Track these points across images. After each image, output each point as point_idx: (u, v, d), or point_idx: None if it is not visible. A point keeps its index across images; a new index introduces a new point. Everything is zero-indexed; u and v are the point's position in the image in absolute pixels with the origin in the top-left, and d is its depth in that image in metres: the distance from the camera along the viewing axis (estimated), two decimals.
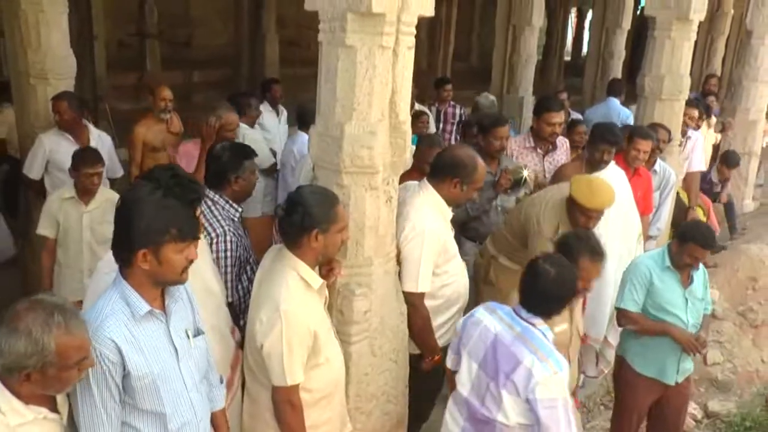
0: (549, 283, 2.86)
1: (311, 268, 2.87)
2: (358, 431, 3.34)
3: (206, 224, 3.28)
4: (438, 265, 3.57)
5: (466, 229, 4.86)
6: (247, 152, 3.51)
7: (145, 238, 2.23)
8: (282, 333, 2.70)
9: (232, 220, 3.44)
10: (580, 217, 3.90)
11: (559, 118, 5.26)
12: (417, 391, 3.69)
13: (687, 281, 3.90)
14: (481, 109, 7.19)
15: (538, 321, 2.88)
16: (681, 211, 6.55)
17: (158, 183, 2.45)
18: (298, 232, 2.84)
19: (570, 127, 6.14)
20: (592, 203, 3.85)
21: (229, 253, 3.34)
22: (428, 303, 3.58)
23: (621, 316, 4.00)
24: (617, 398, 4.30)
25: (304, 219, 2.79)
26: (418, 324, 3.57)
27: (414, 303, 3.55)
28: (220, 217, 3.37)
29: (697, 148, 7.07)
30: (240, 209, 3.49)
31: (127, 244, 2.26)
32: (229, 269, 3.35)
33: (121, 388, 2.26)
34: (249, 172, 3.47)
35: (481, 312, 3.04)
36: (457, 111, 7.84)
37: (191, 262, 2.34)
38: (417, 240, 3.48)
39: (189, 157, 4.83)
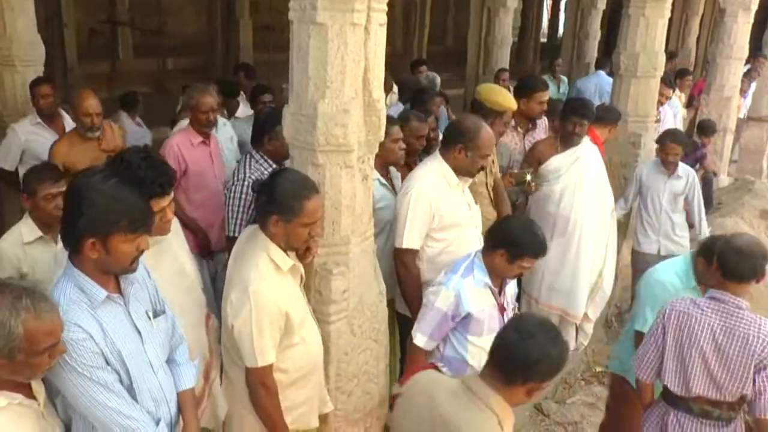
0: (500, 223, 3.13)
1: (282, 250, 2.85)
2: (340, 411, 3.33)
3: (238, 170, 3.99)
4: (434, 229, 3.65)
5: None
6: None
7: (94, 226, 2.18)
8: (251, 314, 2.70)
9: (262, 173, 3.83)
10: (502, 126, 4.29)
11: (546, 96, 5.28)
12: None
13: None
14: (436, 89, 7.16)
15: (479, 258, 3.15)
16: None
17: (128, 164, 2.42)
18: (261, 214, 2.85)
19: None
20: (512, 104, 4.26)
21: (242, 196, 3.84)
22: (425, 267, 3.66)
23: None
24: (614, 416, 4.01)
25: (267, 203, 2.80)
26: (405, 282, 3.64)
27: (401, 259, 3.67)
28: (249, 169, 3.91)
29: (667, 122, 7.14)
30: (275, 166, 3.88)
31: (75, 232, 2.21)
32: (237, 209, 3.86)
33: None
34: (282, 135, 3.55)
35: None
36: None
37: (142, 252, 2.30)
38: (406, 198, 3.65)
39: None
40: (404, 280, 3.70)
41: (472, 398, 2.15)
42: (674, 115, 7.79)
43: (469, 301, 3.10)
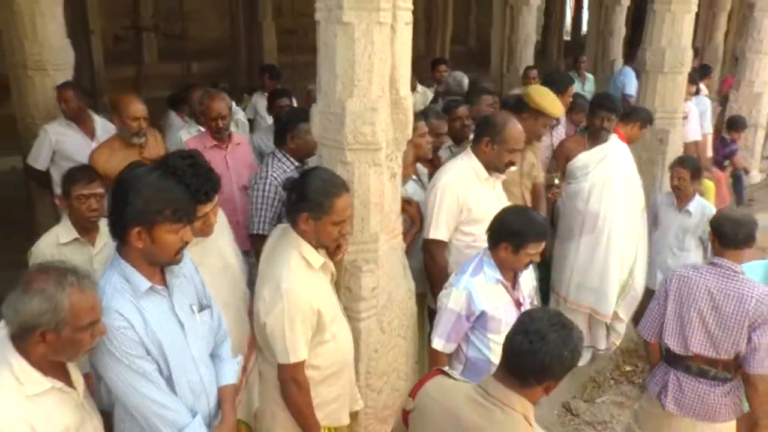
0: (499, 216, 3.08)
1: (313, 248, 2.87)
2: (369, 408, 3.35)
3: (261, 169, 4.03)
4: (462, 222, 3.67)
5: None
6: (305, 115, 3.57)
7: (140, 215, 2.24)
8: (284, 311, 2.72)
9: (285, 171, 3.90)
10: (543, 129, 4.17)
11: (573, 90, 5.28)
12: None
13: None
14: (450, 89, 7.12)
15: (488, 255, 3.13)
16: None
17: (174, 170, 2.47)
18: (291, 211, 2.87)
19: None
20: (560, 112, 4.21)
21: (265, 194, 3.86)
22: (453, 259, 3.67)
23: None
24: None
25: (298, 201, 2.82)
26: (432, 273, 3.67)
27: (429, 250, 3.72)
28: (272, 167, 3.96)
29: (692, 118, 7.06)
30: (297, 164, 3.97)
31: (121, 221, 2.28)
32: (260, 207, 3.87)
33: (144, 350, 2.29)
34: (305, 132, 3.75)
35: None
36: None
37: (186, 243, 2.35)
38: (434, 190, 3.72)
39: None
40: (431, 271, 3.74)
41: (495, 402, 2.12)
42: (702, 112, 7.70)
43: (482, 299, 3.07)
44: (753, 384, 3.18)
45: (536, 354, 2.08)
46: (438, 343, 3.16)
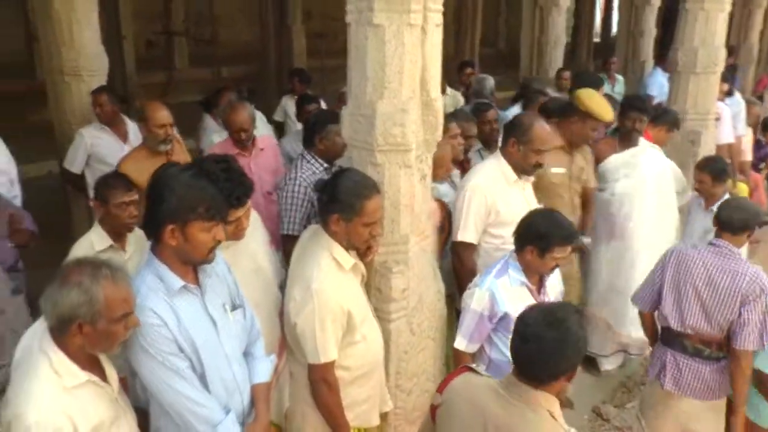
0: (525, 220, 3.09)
1: (344, 249, 2.89)
2: (399, 409, 3.35)
3: (290, 170, 4.07)
4: (490, 224, 3.67)
5: None
6: (333, 117, 3.64)
7: (174, 213, 2.29)
8: (314, 311, 2.74)
9: (314, 173, 3.94)
10: (592, 133, 4.08)
11: (602, 91, 5.27)
12: None
13: None
14: (476, 92, 7.07)
15: (514, 257, 3.14)
16: None
17: (207, 174, 2.51)
18: (322, 213, 2.89)
19: None
20: (610, 116, 4.09)
21: (295, 195, 3.89)
22: (482, 262, 3.67)
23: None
24: None
25: (329, 202, 2.83)
26: (460, 275, 3.67)
27: (457, 252, 3.74)
28: (301, 169, 4.00)
29: (725, 120, 6.94)
30: (326, 166, 4.01)
31: (156, 219, 2.32)
32: (290, 208, 3.90)
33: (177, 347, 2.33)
34: (333, 134, 3.78)
35: None
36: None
37: (218, 242, 2.39)
38: (462, 192, 3.74)
39: None
40: (459, 273, 3.74)
41: (519, 399, 2.11)
42: (735, 113, 7.56)
43: (505, 301, 3.06)
44: (737, 358, 3.30)
45: (538, 356, 2.06)
46: (460, 343, 3.17)
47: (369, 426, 3.16)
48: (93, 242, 3.37)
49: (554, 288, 3.32)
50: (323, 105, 6.93)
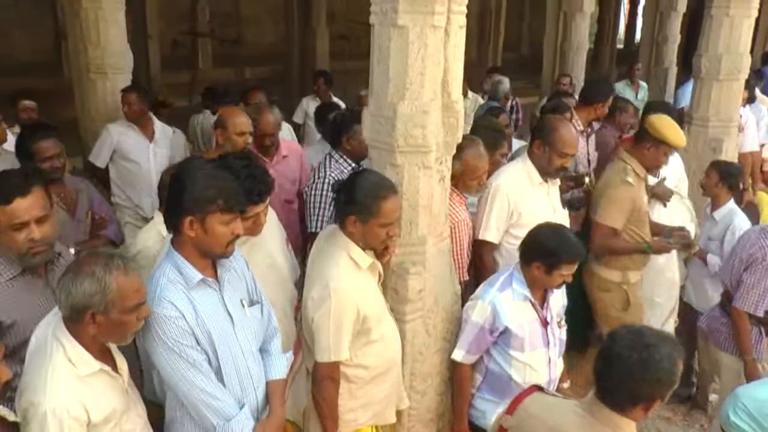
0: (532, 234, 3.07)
1: (361, 249, 2.90)
2: (413, 410, 3.36)
3: (318, 169, 4.08)
4: (512, 225, 3.68)
5: None
6: (359, 117, 3.59)
7: (193, 204, 2.32)
8: (330, 309, 2.75)
9: (342, 171, 3.99)
10: (664, 158, 3.98)
11: None
12: None
13: None
14: (497, 95, 7.03)
15: (518, 271, 3.10)
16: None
17: (229, 170, 2.54)
18: (340, 213, 2.90)
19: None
20: (683, 141, 3.99)
21: (322, 194, 3.94)
22: (503, 263, 3.69)
23: None
24: None
25: (346, 203, 2.84)
26: (481, 274, 3.68)
27: (478, 251, 3.77)
28: (329, 168, 4.04)
29: (749, 127, 6.85)
30: (354, 165, 4.04)
31: (176, 210, 2.37)
32: (317, 206, 3.95)
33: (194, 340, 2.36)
34: (359, 133, 3.72)
35: None
36: (509, 102, 7.80)
37: (237, 236, 2.42)
38: (486, 193, 3.77)
39: None
40: (480, 272, 3.75)
41: (603, 422, 2.08)
42: (759, 121, 7.48)
43: (507, 315, 3.04)
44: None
45: (617, 377, 2.04)
46: (458, 354, 3.15)
47: (385, 423, 3.17)
48: (160, 231, 3.28)
49: (557, 302, 3.29)
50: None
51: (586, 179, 4.52)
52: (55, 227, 2.57)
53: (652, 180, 4.37)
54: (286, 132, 5.44)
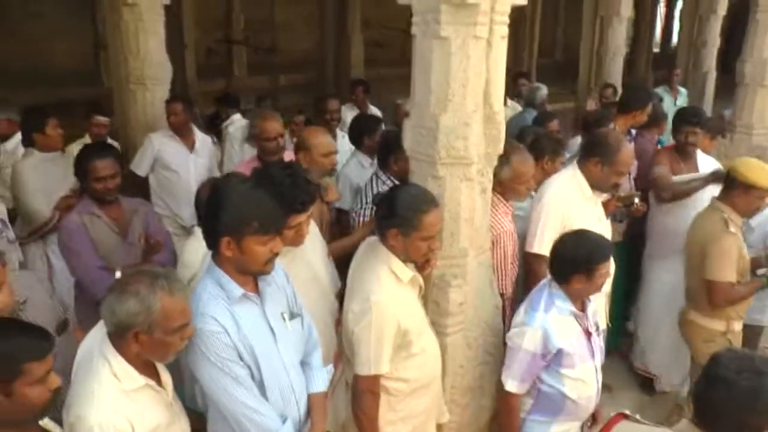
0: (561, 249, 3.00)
1: (402, 262, 2.88)
2: (453, 423, 3.33)
3: (364, 193, 3.99)
4: None
5: None
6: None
7: (229, 226, 2.32)
8: (371, 323, 2.73)
9: None
10: (759, 201, 3.82)
11: None
12: None
13: None
14: (534, 102, 6.96)
15: (555, 286, 3.02)
16: None
17: (272, 178, 2.53)
18: (381, 227, 2.87)
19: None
20: (763, 181, 3.76)
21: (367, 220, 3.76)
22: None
23: None
24: None
25: (387, 216, 2.82)
26: (530, 286, 3.55)
27: (530, 264, 3.72)
28: (375, 190, 3.92)
29: None
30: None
31: (213, 231, 2.37)
32: None
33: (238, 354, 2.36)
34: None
35: None
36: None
37: (276, 254, 2.41)
38: (539, 204, 3.72)
39: None
40: (531, 284, 3.64)
41: None
42: None
43: (558, 337, 2.96)
44: None
45: (723, 405, 1.95)
46: (512, 385, 3.04)
47: None
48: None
49: (592, 309, 3.21)
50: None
51: (636, 200, 4.42)
52: (11, 294, 2.45)
53: None
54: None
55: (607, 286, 3.33)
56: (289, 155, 4.30)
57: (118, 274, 3.22)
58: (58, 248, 3.75)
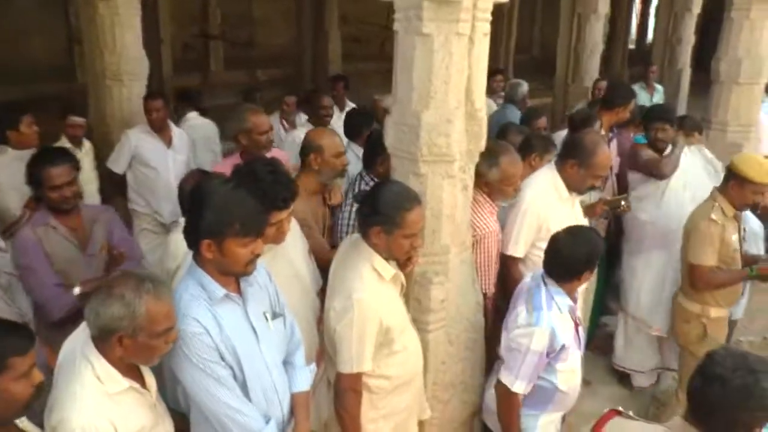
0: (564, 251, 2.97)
1: (385, 260, 2.87)
2: (435, 419, 3.34)
3: (347, 194, 3.89)
4: (540, 239, 3.61)
5: None
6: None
7: (209, 229, 2.30)
8: (353, 321, 2.73)
9: None
10: (753, 196, 3.89)
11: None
12: None
13: None
14: (515, 98, 6.99)
15: (552, 283, 3.02)
16: None
17: (254, 175, 2.50)
18: (363, 225, 2.87)
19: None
20: (762, 176, 3.81)
21: (350, 222, 3.67)
22: (530, 272, 3.53)
23: None
24: None
25: (370, 214, 2.81)
26: (508, 286, 3.63)
27: (507, 265, 3.73)
28: (359, 190, 3.76)
29: (765, 131, 6.77)
30: None
31: (193, 233, 2.35)
32: (348, 226, 3.70)
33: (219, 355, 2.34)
34: None
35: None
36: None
37: (257, 256, 2.39)
38: (516, 206, 3.71)
39: None
40: (507, 284, 3.70)
41: None
42: None
43: (562, 333, 2.98)
44: None
45: (717, 402, 1.97)
46: (519, 386, 3.00)
47: None
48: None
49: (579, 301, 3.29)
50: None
51: (623, 202, 4.46)
52: None
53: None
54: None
55: (587, 283, 3.35)
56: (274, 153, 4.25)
57: (76, 290, 3.10)
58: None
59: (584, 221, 3.86)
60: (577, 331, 3.13)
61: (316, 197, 3.73)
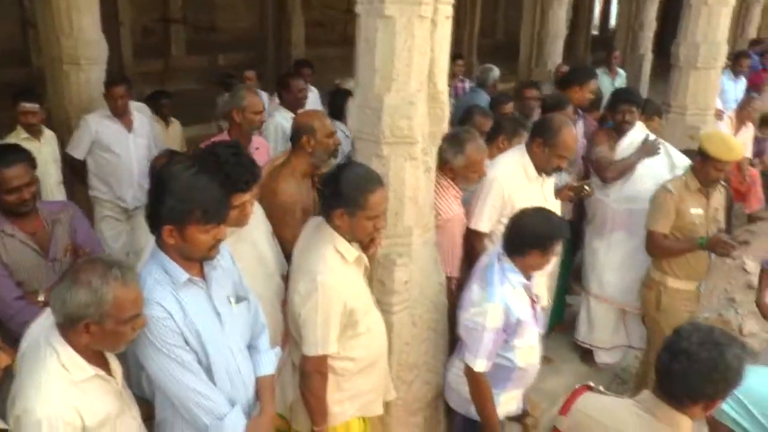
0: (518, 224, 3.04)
1: (347, 242, 2.88)
2: (400, 400, 3.37)
3: None
4: (504, 215, 3.65)
5: None
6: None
7: (170, 215, 2.28)
8: (318, 303, 2.73)
9: None
10: (715, 173, 3.97)
11: (595, 85, 5.28)
12: None
13: None
14: (486, 83, 7.06)
15: (506, 259, 3.05)
16: None
17: (217, 158, 2.47)
18: (326, 207, 2.86)
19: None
20: (729, 155, 3.93)
21: None
22: (492, 247, 3.63)
23: None
24: None
25: (332, 195, 2.80)
26: (472, 259, 3.65)
27: (471, 239, 3.79)
28: None
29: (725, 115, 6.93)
30: None
31: (155, 218, 2.32)
32: None
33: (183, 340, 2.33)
34: None
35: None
36: (467, 86, 7.87)
37: (219, 241, 2.37)
38: (482, 184, 3.77)
39: None
40: (473, 259, 3.70)
41: (663, 420, 2.07)
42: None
43: (516, 308, 3.02)
44: None
45: (683, 375, 2.01)
46: (480, 365, 3.02)
47: (372, 415, 3.17)
48: None
49: (541, 277, 3.32)
50: (316, 94, 6.64)
51: (586, 188, 4.51)
52: None
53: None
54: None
55: (552, 266, 3.39)
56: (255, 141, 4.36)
57: (41, 298, 2.99)
58: None
59: (556, 203, 3.90)
60: (533, 307, 3.16)
61: (307, 181, 3.68)
